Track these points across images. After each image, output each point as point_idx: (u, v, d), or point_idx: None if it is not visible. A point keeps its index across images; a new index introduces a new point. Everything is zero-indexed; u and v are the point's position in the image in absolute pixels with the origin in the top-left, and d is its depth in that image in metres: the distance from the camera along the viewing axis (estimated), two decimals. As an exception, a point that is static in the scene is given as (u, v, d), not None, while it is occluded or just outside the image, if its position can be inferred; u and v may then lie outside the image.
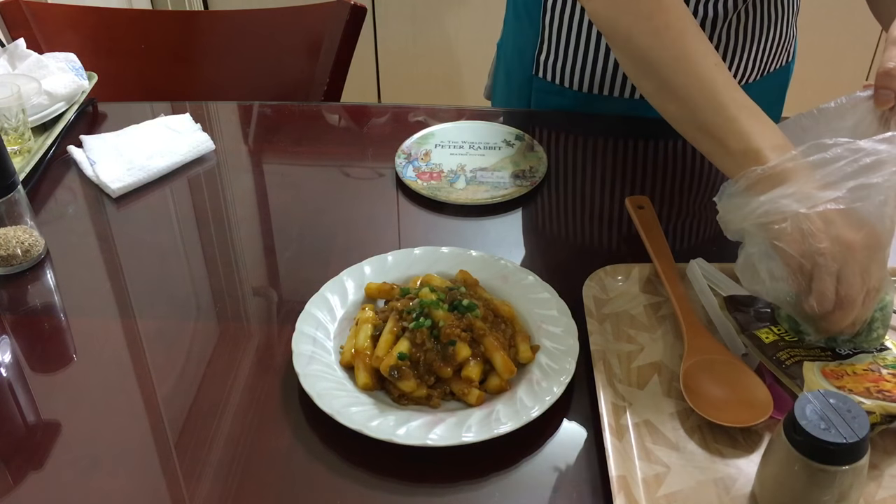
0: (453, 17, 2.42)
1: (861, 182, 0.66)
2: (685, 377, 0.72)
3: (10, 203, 0.86)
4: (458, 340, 0.72)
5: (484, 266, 0.83)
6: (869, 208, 0.66)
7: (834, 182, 0.67)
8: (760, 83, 1.09)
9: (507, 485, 0.66)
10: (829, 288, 0.65)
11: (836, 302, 0.66)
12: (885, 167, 0.66)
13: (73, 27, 1.47)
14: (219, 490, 0.66)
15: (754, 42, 1.05)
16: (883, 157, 0.66)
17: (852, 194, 0.66)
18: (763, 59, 1.07)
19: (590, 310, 0.78)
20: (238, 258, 0.92)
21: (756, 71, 1.08)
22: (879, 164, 0.66)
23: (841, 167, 0.67)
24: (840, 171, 0.67)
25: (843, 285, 0.65)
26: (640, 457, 0.67)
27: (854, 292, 0.65)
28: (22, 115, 1.01)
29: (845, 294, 0.65)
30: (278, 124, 1.15)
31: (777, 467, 0.60)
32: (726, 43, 1.03)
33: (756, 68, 1.08)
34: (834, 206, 0.66)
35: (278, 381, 0.75)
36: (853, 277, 0.65)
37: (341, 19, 1.40)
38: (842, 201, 0.66)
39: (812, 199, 0.66)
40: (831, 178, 0.67)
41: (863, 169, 0.66)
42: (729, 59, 1.05)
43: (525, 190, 0.98)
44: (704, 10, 0.99)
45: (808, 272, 0.66)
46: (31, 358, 0.80)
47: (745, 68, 1.07)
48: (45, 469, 0.68)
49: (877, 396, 0.65)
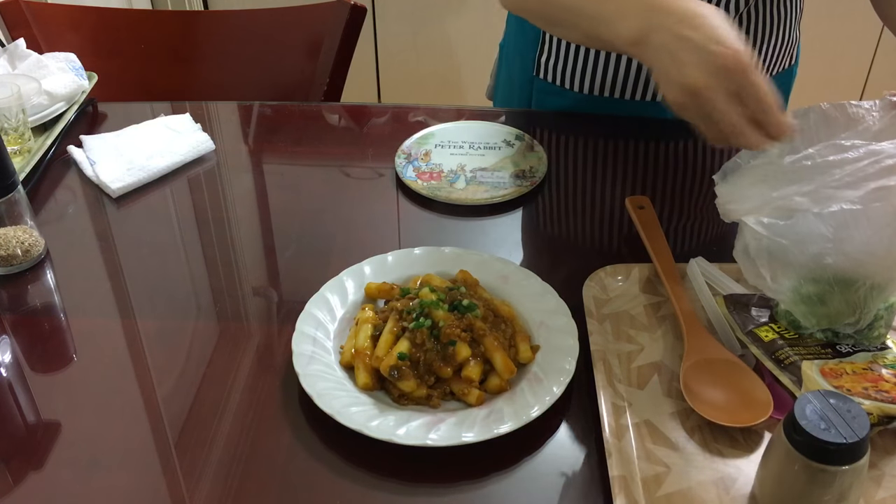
0: (453, 17, 2.42)
1: (882, 184, 0.65)
2: (685, 377, 0.72)
3: (10, 203, 0.86)
4: (459, 340, 0.72)
5: (484, 266, 0.83)
6: (887, 209, 0.65)
7: (853, 182, 0.66)
8: None
9: (507, 485, 0.66)
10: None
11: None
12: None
13: (73, 27, 1.47)
14: (219, 490, 0.66)
15: (757, 46, 1.05)
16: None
17: (871, 195, 0.65)
18: (766, 63, 1.07)
19: (590, 310, 0.78)
20: (238, 258, 0.92)
21: None
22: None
23: (862, 167, 0.66)
24: (861, 172, 0.66)
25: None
26: (640, 457, 0.67)
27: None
28: (22, 115, 1.01)
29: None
30: (278, 124, 1.15)
31: (777, 467, 0.60)
32: None
33: None
34: (850, 206, 0.65)
35: (278, 381, 0.75)
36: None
37: (341, 19, 1.40)
38: (859, 202, 0.65)
39: (831, 199, 0.66)
40: (850, 179, 0.66)
41: (884, 170, 0.66)
42: None
43: (525, 190, 0.98)
44: None
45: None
46: (31, 358, 0.80)
47: None
48: (45, 469, 0.68)
49: (875, 397, 0.66)
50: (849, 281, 0.68)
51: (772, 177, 0.70)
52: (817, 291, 0.70)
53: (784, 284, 0.70)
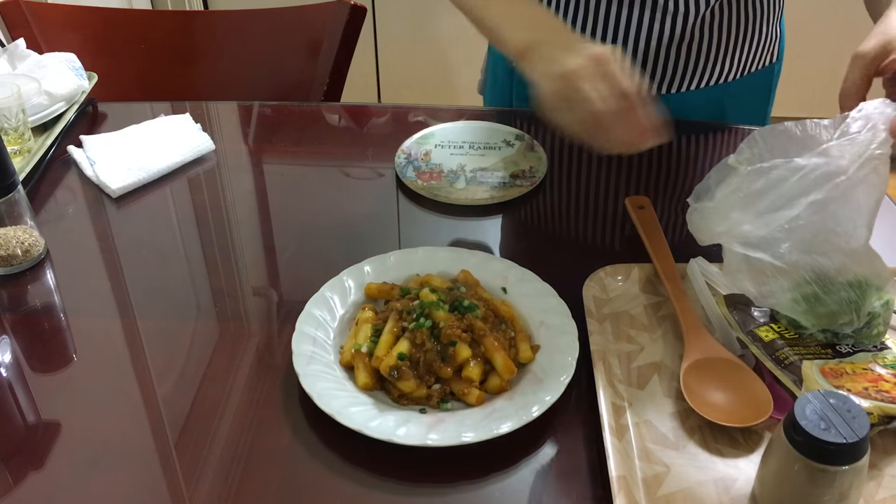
0: (453, 17, 2.41)
1: (812, 199, 0.68)
2: (685, 377, 0.72)
3: (10, 203, 0.86)
4: (459, 341, 0.72)
5: (484, 266, 0.83)
6: (827, 221, 0.68)
7: (786, 203, 0.69)
8: (741, 82, 1.10)
9: (507, 485, 0.66)
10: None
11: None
12: (830, 180, 0.68)
13: (73, 27, 1.47)
14: (219, 490, 0.66)
15: (731, 41, 1.05)
16: (824, 169, 0.68)
17: (808, 210, 0.68)
18: (742, 59, 1.08)
19: (590, 310, 0.78)
20: (238, 258, 0.92)
21: (735, 70, 1.09)
22: (825, 177, 0.68)
23: (791, 185, 0.69)
24: (791, 191, 0.69)
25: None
26: (640, 457, 0.67)
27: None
28: (22, 115, 1.01)
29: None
30: (278, 124, 1.15)
31: (777, 467, 0.60)
32: (700, 39, 1.04)
33: (735, 67, 1.08)
34: (792, 224, 0.68)
35: (278, 381, 0.75)
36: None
37: (341, 19, 1.40)
38: (801, 219, 0.68)
39: (773, 221, 0.69)
40: (782, 201, 0.69)
41: (811, 184, 0.68)
42: (704, 57, 1.05)
43: (525, 190, 0.98)
44: (675, 4, 0.99)
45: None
46: (31, 358, 0.80)
47: (723, 67, 1.07)
48: (45, 469, 0.68)
49: (875, 397, 0.66)
50: (832, 278, 0.70)
51: (735, 197, 0.73)
52: (810, 293, 0.70)
53: (776, 294, 0.71)
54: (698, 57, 1.05)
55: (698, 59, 1.05)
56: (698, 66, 1.06)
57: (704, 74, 1.07)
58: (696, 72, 1.07)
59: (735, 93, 1.10)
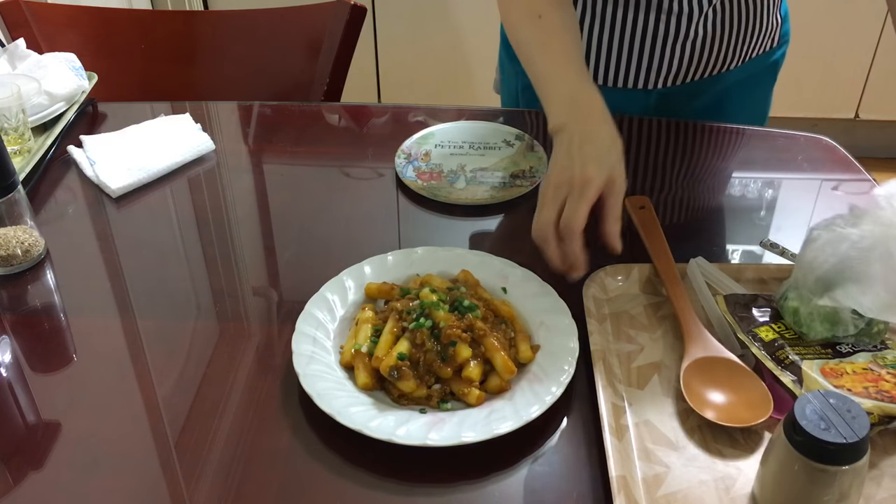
0: (453, 16, 2.42)
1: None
2: (685, 377, 0.72)
3: (10, 203, 0.86)
4: (459, 341, 0.72)
5: (484, 266, 0.83)
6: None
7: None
8: (743, 68, 1.11)
9: (507, 485, 0.66)
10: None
11: None
12: None
13: (73, 27, 1.47)
14: (219, 490, 0.66)
15: (732, 34, 1.06)
16: None
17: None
18: (743, 49, 1.09)
19: (590, 310, 0.78)
20: (238, 258, 0.92)
21: (737, 58, 1.10)
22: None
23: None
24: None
25: None
26: (640, 457, 0.67)
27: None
28: (22, 115, 1.01)
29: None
30: (278, 124, 1.15)
31: (777, 467, 0.60)
32: (703, 36, 1.04)
33: (737, 56, 1.10)
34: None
35: (278, 381, 0.75)
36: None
37: (341, 19, 1.40)
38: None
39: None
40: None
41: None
42: (707, 51, 1.06)
43: (525, 190, 0.98)
44: (679, 5, 1.00)
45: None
46: (31, 358, 0.80)
47: (725, 58, 1.08)
48: (45, 469, 0.68)
49: (875, 397, 0.66)
50: None
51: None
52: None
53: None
54: (701, 52, 1.06)
55: (701, 53, 1.06)
56: (701, 60, 1.07)
57: (707, 66, 1.08)
58: (700, 65, 1.07)
59: (738, 75, 1.11)
